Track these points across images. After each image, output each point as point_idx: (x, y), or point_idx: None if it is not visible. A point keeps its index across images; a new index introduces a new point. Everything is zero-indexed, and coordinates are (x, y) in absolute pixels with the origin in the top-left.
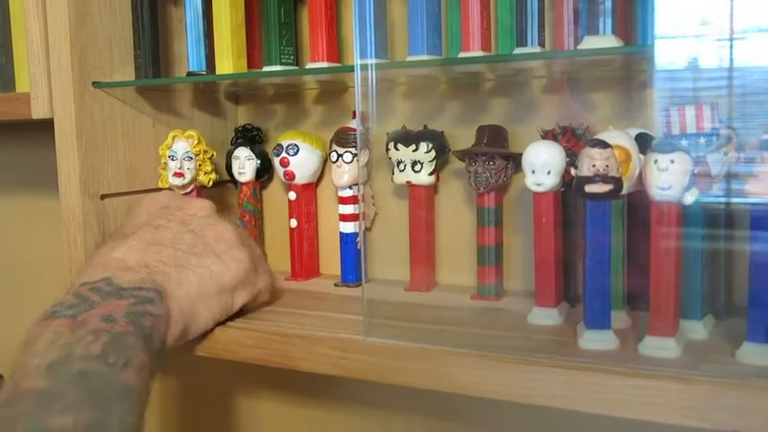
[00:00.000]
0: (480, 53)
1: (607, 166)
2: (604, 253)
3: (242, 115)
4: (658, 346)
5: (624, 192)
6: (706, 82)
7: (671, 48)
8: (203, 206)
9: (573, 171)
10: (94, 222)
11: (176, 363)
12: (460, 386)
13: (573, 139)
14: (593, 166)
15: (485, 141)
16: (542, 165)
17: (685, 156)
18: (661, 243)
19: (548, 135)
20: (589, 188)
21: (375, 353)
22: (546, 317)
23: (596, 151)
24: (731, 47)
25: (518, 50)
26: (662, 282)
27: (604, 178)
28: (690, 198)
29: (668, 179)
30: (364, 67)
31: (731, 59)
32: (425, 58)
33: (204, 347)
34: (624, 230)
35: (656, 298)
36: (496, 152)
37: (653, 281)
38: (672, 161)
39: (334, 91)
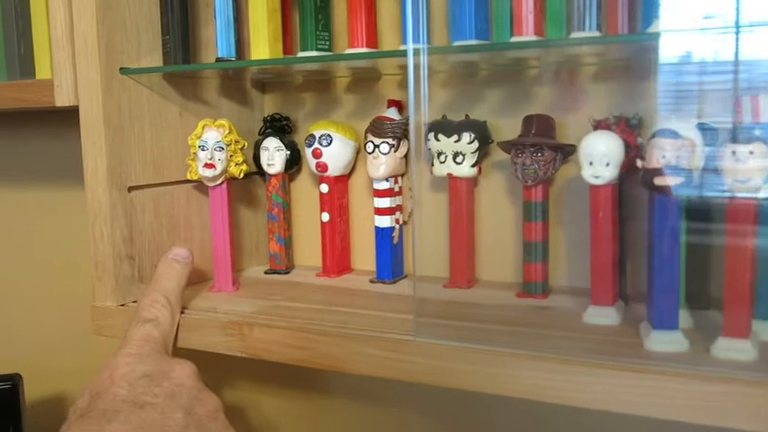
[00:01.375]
0: (534, 38)
1: (678, 157)
2: (674, 250)
3: (268, 104)
4: (732, 348)
5: None
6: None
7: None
8: (190, 372)
9: (639, 163)
10: (122, 216)
11: (200, 360)
12: (521, 390)
13: (627, 129)
14: (664, 157)
15: (533, 131)
16: (601, 156)
17: (764, 146)
18: (737, 239)
19: (600, 125)
20: (658, 181)
21: (427, 354)
22: (603, 316)
23: (667, 141)
24: None
25: (575, 35)
26: (737, 281)
27: (675, 170)
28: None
29: (747, 171)
30: (416, 53)
31: None
32: (473, 42)
33: (243, 347)
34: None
35: (730, 298)
36: (547, 143)
37: (727, 279)
38: (751, 152)
39: (367, 79)
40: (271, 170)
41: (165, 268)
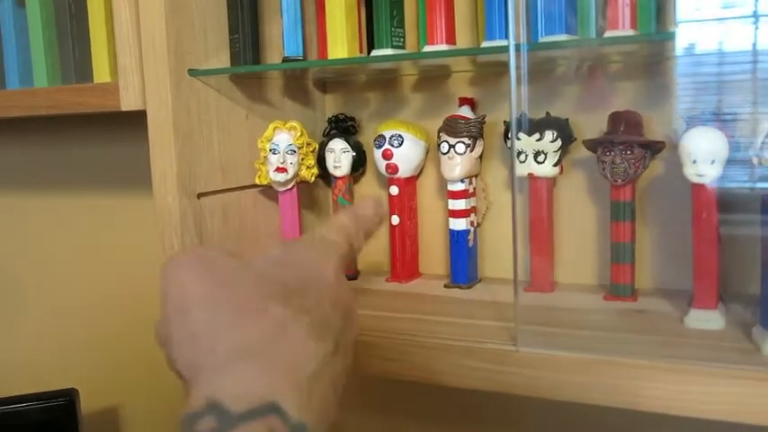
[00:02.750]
0: (631, 32)
1: None
2: None
3: (330, 104)
4: None
5: None
6: None
7: None
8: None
9: (755, 160)
10: (191, 224)
11: None
12: (640, 402)
13: (725, 124)
14: None
15: (622, 129)
16: (706, 154)
17: None
18: None
19: (693, 121)
20: None
21: (532, 365)
22: (707, 320)
23: None
24: None
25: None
26: None
27: None
28: None
29: None
30: (516, 48)
31: None
32: (564, 38)
33: None
34: None
35: None
36: (637, 140)
37: None
38: None
39: (435, 77)
40: (337, 172)
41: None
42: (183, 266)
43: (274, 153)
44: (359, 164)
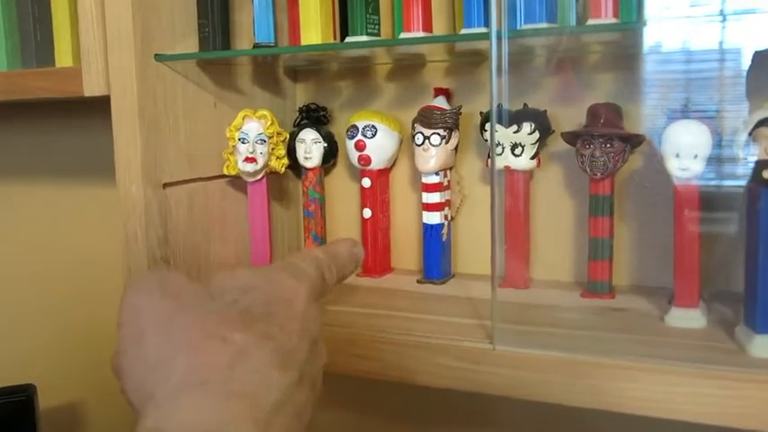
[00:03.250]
0: (613, 20)
1: None
2: None
3: (301, 93)
4: None
5: None
6: None
7: None
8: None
9: (741, 155)
10: (156, 215)
11: None
12: (621, 404)
13: (705, 120)
14: None
15: (602, 121)
16: (689, 147)
17: None
18: None
19: (675, 114)
20: None
21: (510, 364)
22: (689, 318)
23: None
24: None
25: None
26: None
27: None
28: None
29: None
30: (497, 36)
31: None
32: (545, 26)
33: None
34: None
35: None
36: (618, 133)
37: None
38: None
39: (409, 66)
40: (308, 164)
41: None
42: (140, 293)
43: (243, 142)
44: (330, 155)
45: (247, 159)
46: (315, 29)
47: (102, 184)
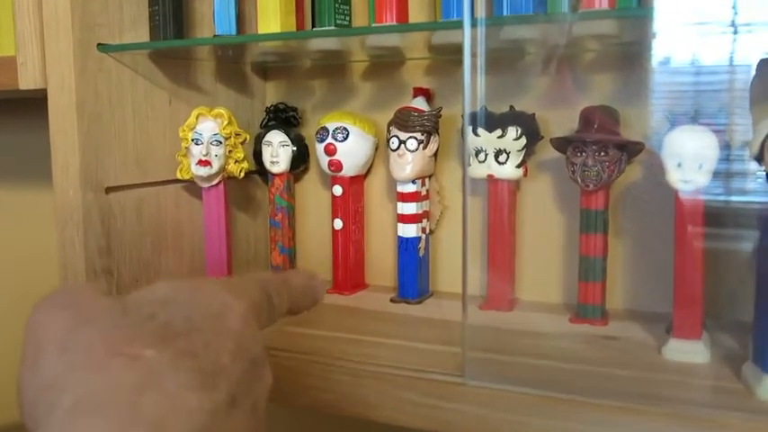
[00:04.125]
0: (606, 8)
1: None
2: None
3: (271, 92)
4: None
5: None
6: None
7: None
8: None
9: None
10: (97, 222)
11: None
12: None
13: (714, 127)
14: None
15: (595, 126)
16: (693, 157)
17: None
18: None
19: (679, 120)
20: None
21: (481, 401)
22: (690, 352)
23: None
24: None
25: None
26: None
27: None
28: None
29: None
30: (473, 24)
31: None
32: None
33: None
34: None
35: None
36: (613, 140)
37: None
38: None
39: (387, 64)
40: (274, 169)
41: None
42: (44, 307)
43: (197, 143)
44: (300, 160)
45: (201, 162)
46: (274, 18)
47: (42, 188)
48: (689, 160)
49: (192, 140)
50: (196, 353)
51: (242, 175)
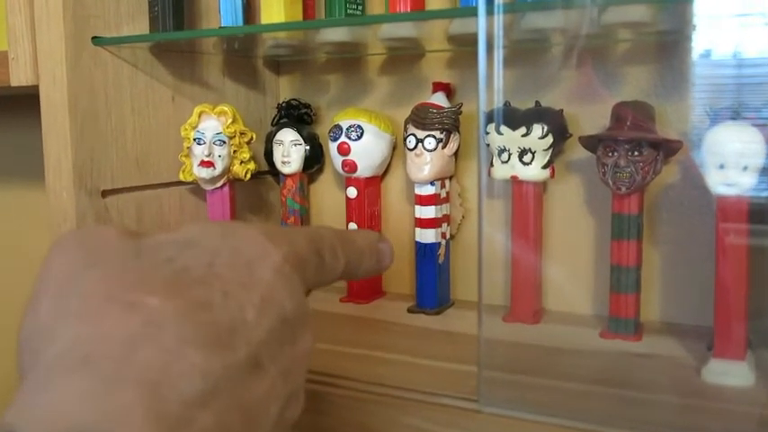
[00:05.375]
0: None
1: None
2: None
3: (285, 88)
4: None
5: None
6: None
7: None
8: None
9: None
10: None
11: None
12: None
13: (760, 123)
14: None
15: (628, 123)
16: (737, 157)
17: None
18: None
19: (720, 116)
20: None
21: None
22: (732, 374)
23: None
24: None
25: None
26: None
27: None
28: None
29: None
30: (489, 10)
31: None
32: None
33: None
34: None
35: None
36: (648, 138)
37: None
38: None
39: (406, 57)
40: (286, 169)
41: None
42: (59, 246)
43: (199, 143)
44: (314, 160)
45: (203, 163)
46: (277, 7)
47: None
48: (732, 161)
49: (195, 140)
50: (211, 304)
51: (248, 176)
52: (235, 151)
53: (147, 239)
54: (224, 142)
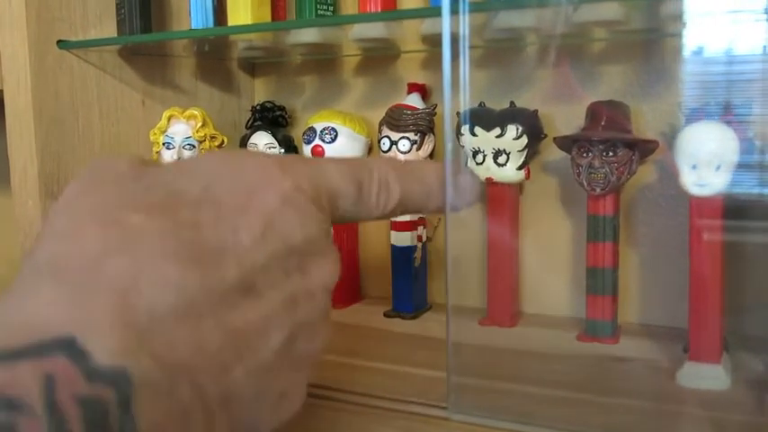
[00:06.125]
0: None
1: None
2: None
3: (260, 90)
4: None
5: None
6: None
7: None
8: None
9: None
10: None
11: None
12: None
13: (735, 121)
14: None
15: (603, 123)
16: (709, 157)
17: None
18: None
19: (696, 115)
20: None
21: None
22: (707, 377)
23: None
24: None
25: None
26: None
27: None
28: None
29: None
30: (453, 10)
31: None
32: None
33: None
34: None
35: None
36: (622, 138)
37: None
38: None
39: (381, 58)
40: None
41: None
42: (72, 182)
43: (168, 148)
44: None
45: None
46: (244, 9)
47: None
48: (704, 160)
49: (164, 144)
50: (199, 224)
51: None
52: None
53: (153, 167)
54: (194, 146)
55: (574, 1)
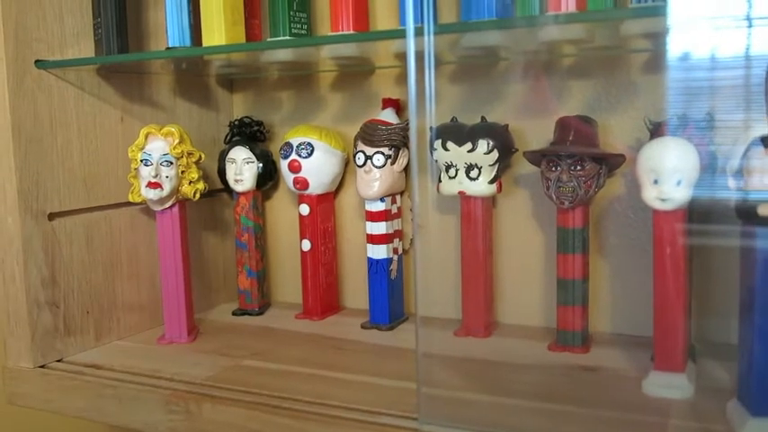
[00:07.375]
0: (575, 11)
1: None
2: None
3: (238, 106)
4: None
5: None
6: None
7: None
8: None
9: (732, 183)
10: (40, 251)
11: None
12: None
13: (697, 136)
14: None
15: (570, 138)
16: (671, 172)
17: None
18: None
19: (659, 129)
20: (764, 210)
21: None
22: (671, 386)
23: None
24: None
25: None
26: None
27: None
28: None
29: None
30: (418, 32)
31: None
32: (495, 21)
33: (188, 429)
34: None
35: None
36: (590, 153)
37: None
38: None
39: (356, 74)
40: (239, 187)
41: None
42: None
43: (146, 164)
44: (267, 177)
45: (150, 184)
46: (218, 30)
47: None
48: (666, 176)
49: (142, 161)
50: None
51: (197, 197)
52: (183, 172)
53: None
54: (171, 163)
55: (528, 25)
